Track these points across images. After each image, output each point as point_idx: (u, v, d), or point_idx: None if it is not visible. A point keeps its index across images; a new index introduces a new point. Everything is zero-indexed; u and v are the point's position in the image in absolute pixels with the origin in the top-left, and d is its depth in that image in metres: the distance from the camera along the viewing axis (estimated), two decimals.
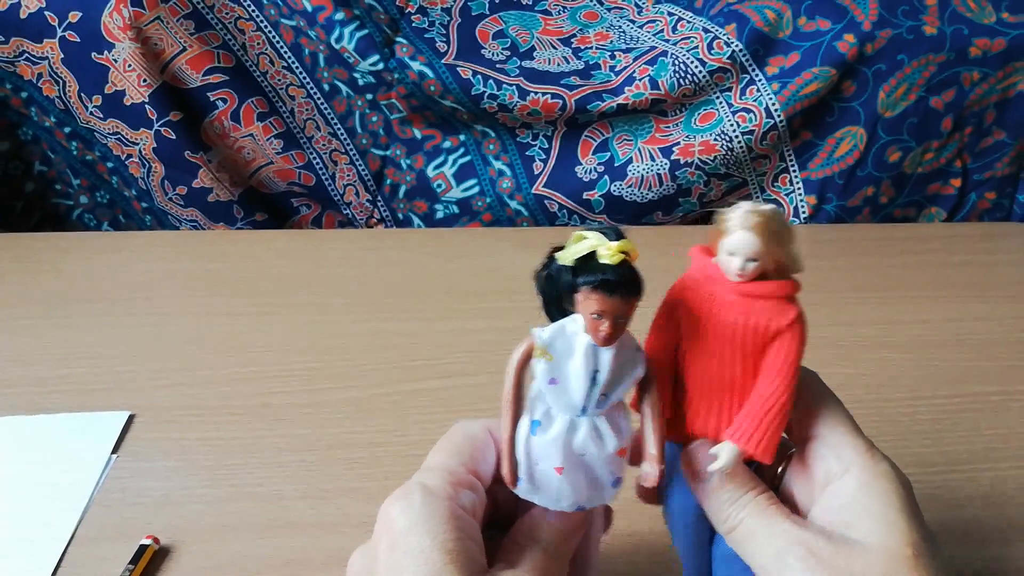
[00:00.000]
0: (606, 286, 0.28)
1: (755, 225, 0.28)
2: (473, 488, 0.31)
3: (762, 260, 0.29)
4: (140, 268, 0.70)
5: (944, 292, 0.67)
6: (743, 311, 0.30)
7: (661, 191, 0.78)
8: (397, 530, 0.29)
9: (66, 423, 0.51)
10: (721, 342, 0.30)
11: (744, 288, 0.29)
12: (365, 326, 0.61)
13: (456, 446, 0.32)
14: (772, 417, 0.30)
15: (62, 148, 0.82)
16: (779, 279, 0.30)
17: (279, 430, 0.50)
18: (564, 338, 0.29)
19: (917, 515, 0.29)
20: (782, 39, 0.74)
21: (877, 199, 0.80)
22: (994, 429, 0.51)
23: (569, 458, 0.30)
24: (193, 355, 0.58)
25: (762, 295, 0.30)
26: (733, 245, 0.29)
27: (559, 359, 0.29)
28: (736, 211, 0.29)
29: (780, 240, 0.29)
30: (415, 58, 0.75)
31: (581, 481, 0.31)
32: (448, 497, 0.30)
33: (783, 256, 0.29)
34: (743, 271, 0.29)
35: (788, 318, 0.30)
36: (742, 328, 0.30)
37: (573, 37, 0.80)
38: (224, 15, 0.76)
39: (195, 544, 0.42)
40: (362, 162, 0.83)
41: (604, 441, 0.30)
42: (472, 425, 0.33)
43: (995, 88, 0.75)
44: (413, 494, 0.29)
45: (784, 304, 0.30)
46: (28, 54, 0.76)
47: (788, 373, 0.30)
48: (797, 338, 0.30)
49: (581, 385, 0.29)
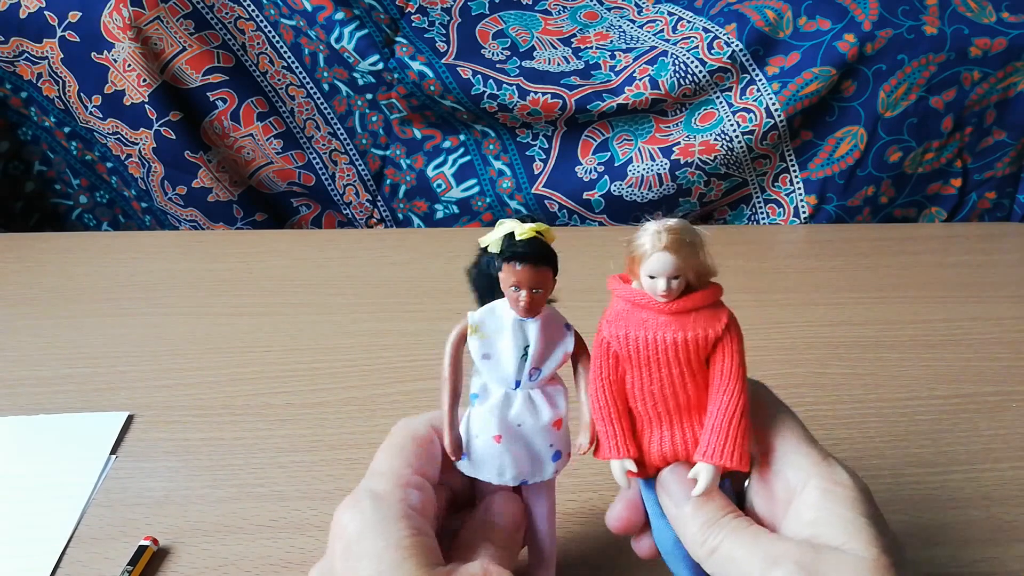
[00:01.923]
0: (516, 257, 0.30)
1: (669, 244, 0.29)
2: (420, 487, 0.32)
3: (683, 275, 0.29)
4: (140, 268, 0.70)
5: (942, 292, 0.67)
6: (679, 327, 0.30)
7: (661, 191, 0.78)
8: (350, 536, 0.29)
9: (65, 423, 0.51)
10: (666, 364, 0.30)
11: (674, 306, 0.30)
12: (365, 326, 0.61)
13: (399, 447, 0.33)
14: (737, 424, 0.30)
15: (62, 148, 0.82)
16: (702, 288, 0.30)
17: (280, 430, 0.51)
18: (494, 317, 0.32)
19: (881, 520, 0.29)
20: (782, 39, 0.74)
21: (877, 199, 0.80)
22: (993, 429, 0.51)
23: (506, 428, 0.32)
24: (193, 355, 0.58)
25: (693, 307, 0.30)
26: (652, 267, 0.29)
27: (490, 336, 0.32)
28: (645, 234, 0.29)
29: (695, 251, 0.29)
30: (415, 58, 0.75)
31: (521, 453, 0.33)
32: (398, 499, 0.30)
33: (700, 265, 0.30)
34: (668, 291, 0.29)
35: (722, 323, 0.30)
36: (682, 344, 0.30)
37: (573, 37, 0.80)
38: (224, 15, 0.76)
39: (195, 544, 0.42)
40: (362, 162, 0.83)
41: (539, 412, 0.33)
42: (414, 423, 0.34)
43: (995, 88, 0.75)
44: (362, 501, 0.30)
45: (715, 311, 0.30)
46: (28, 54, 0.76)
47: (738, 375, 0.30)
48: (736, 340, 0.30)
49: (512, 358, 0.32)
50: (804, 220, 0.80)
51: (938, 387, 0.55)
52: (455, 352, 0.32)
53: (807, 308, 0.63)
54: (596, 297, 0.32)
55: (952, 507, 0.45)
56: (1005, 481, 0.47)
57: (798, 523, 0.29)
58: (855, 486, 0.30)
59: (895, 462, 0.48)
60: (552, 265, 0.31)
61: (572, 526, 0.43)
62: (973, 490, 0.46)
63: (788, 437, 0.31)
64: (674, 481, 0.32)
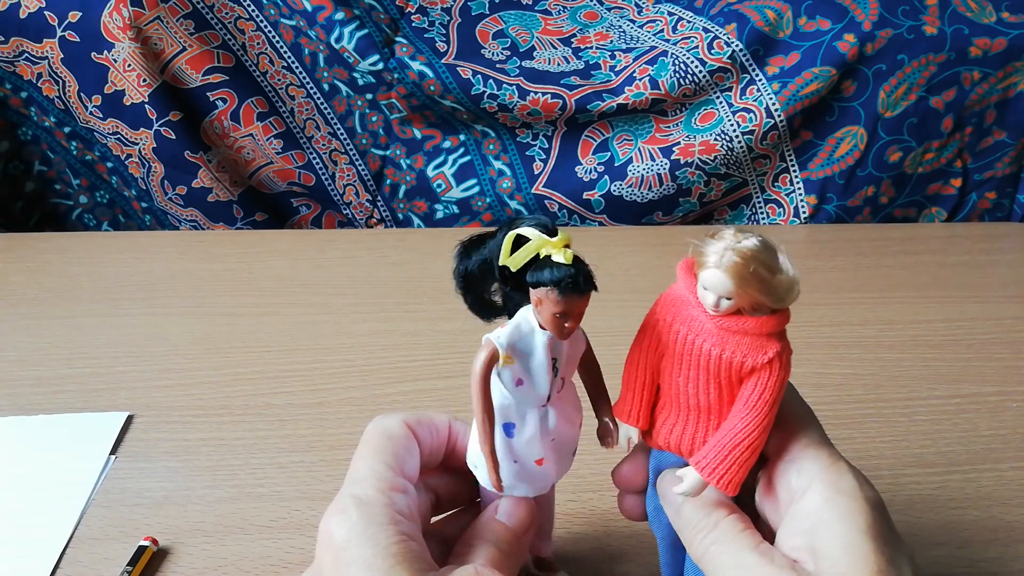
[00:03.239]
0: (574, 289, 0.28)
1: (729, 267, 0.27)
2: (405, 490, 0.31)
3: (736, 300, 0.28)
4: (140, 268, 0.70)
5: (942, 292, 0.67)
6: (719, 343, 0.29)
7: (661, 191, 0.78)
8: (338, 545, 0.29)
9: (65, 423, 0.51)
10: (696, 368, 0.30)
11: (721, 322, 0.29)
12: (365, 326, 0.61)
13: (378, 449, 0.32)
14: (739, 453, 0.29)
15: (62, 148, 0.82)
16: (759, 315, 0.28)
17: (280, 430, 0.51)
18: (523, 338, 0.29)
19: (884, 534, 0.28)
20: (782, 39, 0.74)
21: (877, 199, 0.80)
22: (993, 430, 0.51)
23: (547, 447, 0.31)
24: (193, 355, 0.58)
25: (740, 331, 0.28)
26: (706, 281, 0.28)
27: (521, 360, 0.30)
28: (714, 246, 0.28)
29: (758, 282, 0.27)
30: (415, 58, 0.75)
31: (554, 462, 0.32)
32: (383, 504, 0.29)
33: (761, 297, 0.28)
34: (716, 308, 0.28)
35: (766, 356, 0.28)
36: (716, 359, 0.29)
37: (573, 37, 0.80)
38: (224, 15, 0.76)
39: (195, 545, 0.42)
40: (362, 162, 0.83)
41: (571, 421, 0.32)
42: (387, 422, 0.34)
43: (995, 88, 0.75)
44: (348, 508, 0.29)
45: (764, 341, 0.29)
46: (28, 54, 0.76)
47: (762, 411, 0.29)
48: (775, 376, 0.29)
49: (545, 378, 0.30)
50: (804, 220, 0.80)
51: (938, 387, 0.55)
52: (485, 384, 0.29)
53: (807, 308, 0.63)
54: (597, 298, 0.32)
55: (952, 507, 0.45)
56: (1005, 481, 0.47)
57: (794, 531, 0.29)
58: (860, 495, 0.28)
59: (895, 462, 0.48)
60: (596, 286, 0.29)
61: (573, 527, 0.43)
62: (973, 490, 0.46)
63: (800, 437, 0.30)
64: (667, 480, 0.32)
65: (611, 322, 0.58)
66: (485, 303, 0.31)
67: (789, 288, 0.28)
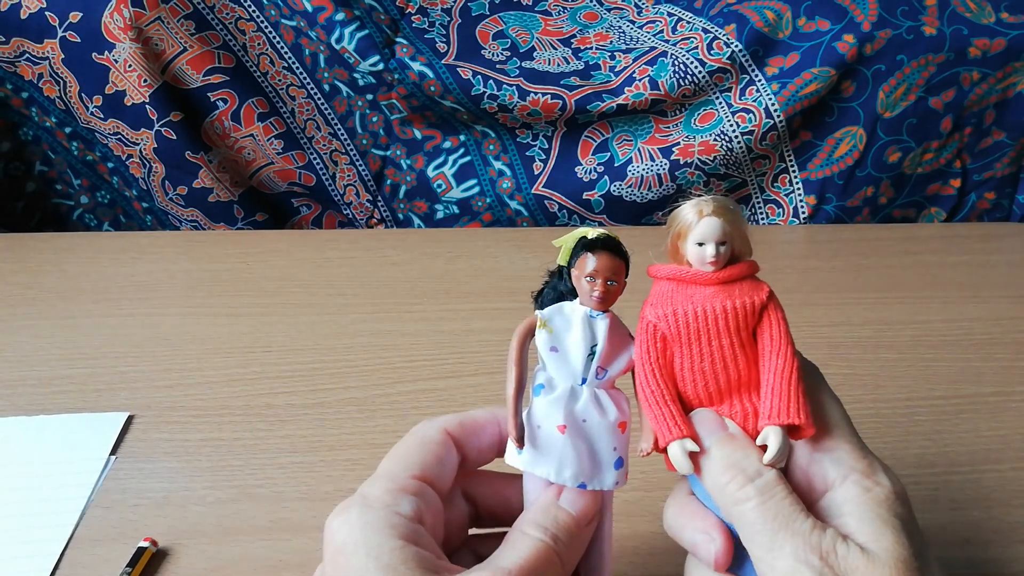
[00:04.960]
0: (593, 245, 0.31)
1: (715, 209, 0.30)
2: (419, 493, 0.30)
3: (730, 241, 0.30)
4: (141, 268, 0.70)
5: (942, 293, 0.67)
6: (727, 295, 0.30)
7: (661, 191, 0.78)
8: (337, 547, 0.29)
9: (65, 424, 0.51)
10: (716, 336, 0.30)
11: (720, 275, 0.30)
12: (365, 326, 0.61)
13: (404, 452, 0.32)
14: (795, 383, 0.30)
15: (63, 148, 0.83)
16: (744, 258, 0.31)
17: (280, 431, 0.51)
18: (562, 315, 0.32)
19: (914, 524, 0.29)
20: (782, 39, 0.74)
21: (877, 199, 0.80)
22: (993, 430, 0.51)
23: (572, 420, 0.31)
24: (193, 355, 0.58)
25: (740, 276, 0.30)
26: (701, 233, 0.30)
27: (559, 332, 0.32)
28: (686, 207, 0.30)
29: (738, 220, 0.30)
30: (415, 58, 0.75)
31: (583, 450, 0.31)
32: (384, 506, 0.29)
33: (743, 235, 0.30)
34: (717, 256, 0.30)
35: (765, 291, 0.31)
36: (731, 312, 0.30)
37: (573, 38, 0.80)
38: (225, 15, 0.76)
39: (195, 546, 0.42)
40: (362, 162, 0.83)
41: (606, 409, 0.32)
42: (428, 426, 0.33)
43: (995, 88, 0.75)
44: (351, 508, 0.29)
45: (756, 282, 0.31)
46: (29, 54, 0.76)
47: (787, 340, 0.30)
48: (780, 308, 0.31)
49: (580, 355, 0.31)
50: (803, 220, 0.80)
51: (938, 387, 0.55)
52: (521, 343, 0.31)
53: (807, 308, 0.63)
54: None
55: (953, 508, 0.45)
56: (1006, 482, 0.47)
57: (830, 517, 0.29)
58: (893, 488, 0.29)
59: (895, 463, 0.48)
60: (627, 260, 0.32)
61: None
62: (974, 491, 0.46)
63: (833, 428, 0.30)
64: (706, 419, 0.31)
65: None
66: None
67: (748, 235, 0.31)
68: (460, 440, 0.33)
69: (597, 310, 0.32)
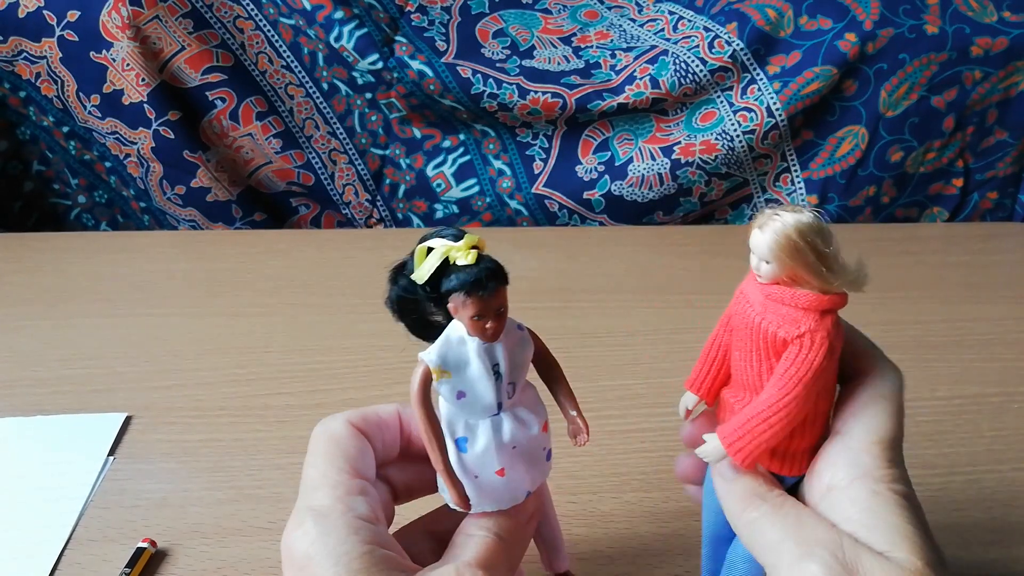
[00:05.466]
0: (477, 287, 0.27)
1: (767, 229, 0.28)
2: (363, 492, 0.30)
3: (775, 265, 0.28)
4: (139, 268, 0.70)
5: (944, 292, 0.67)
6: (762, 312, 0.30)
7: (662, 191, 0.78)
8: (299, 562, 0.28)
9: (63, 424, 0.51)
10: (745, 340, 0.30)
11: (766, 290, 0.30)
12: (364, 326, 0.61)
13: (327, 454, 0.31)
14: (756, 425, 0.29)
15: (60, 148, 0.82)
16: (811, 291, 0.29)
17: (279, 431, 0.50)
18: (453, 349, 0.29)
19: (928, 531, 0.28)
20: (783, 38, 0.74)
21: (879, 199, 0.80)
22: (995, 431, 0.51)
23: (506, 457, 0.30)
24: (192, 356, 0.58)
25: (779, 300, 0.29)
26: (750, 242, 0.29)
27: (457, 372, 0.29)
28: (766, 212, 0.29)
29: (794, 251, 0.28)
30: (415, 57, 0.74)
31: (522, 471, 0.31)
32: (340, 514, 0.28)
33: (800, 270, 0.28)
34: (757, 270, 0.29)
35: (798, 330, 0.28)
36: (757, 328, 0.30)
37: (573, 36, 0.80)
38: (223, 14, 0.76)
39: (194, 546, 0.42)
40: (361, 162, 0.82)
41: (529, 425, 0.30)
42: (330, 425, 0.32)
43: (997, 87, 0.75)
44: (305, 522, 0.28)
45: (801, 315, 0.29)
46: (26, 53, 0.75)
47: (787, 387, 0.29)
48: (805, 352, 0.28)
49: (488, 386, 0.29)
50: None
51: (939, 388, 0.55)
52: (425, 404, 0.29)
53: None
54: (597, 298, 0.31)
55: (954, 509, 0.45)
56: (1007, 483, 0.46)
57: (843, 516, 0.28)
58: (907, 494, 0.28)
59: None
60: (507, 278, 0.28)
61: (575, 528, 0.43)
62: (975, 492, 0.46)
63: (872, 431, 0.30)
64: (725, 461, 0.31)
65: (611, 322, 0.58)
66: (426, 324, 0.30)
67: (838, 272, 0.28)
68: (367, 433, 0.33)
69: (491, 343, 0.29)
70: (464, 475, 0.30)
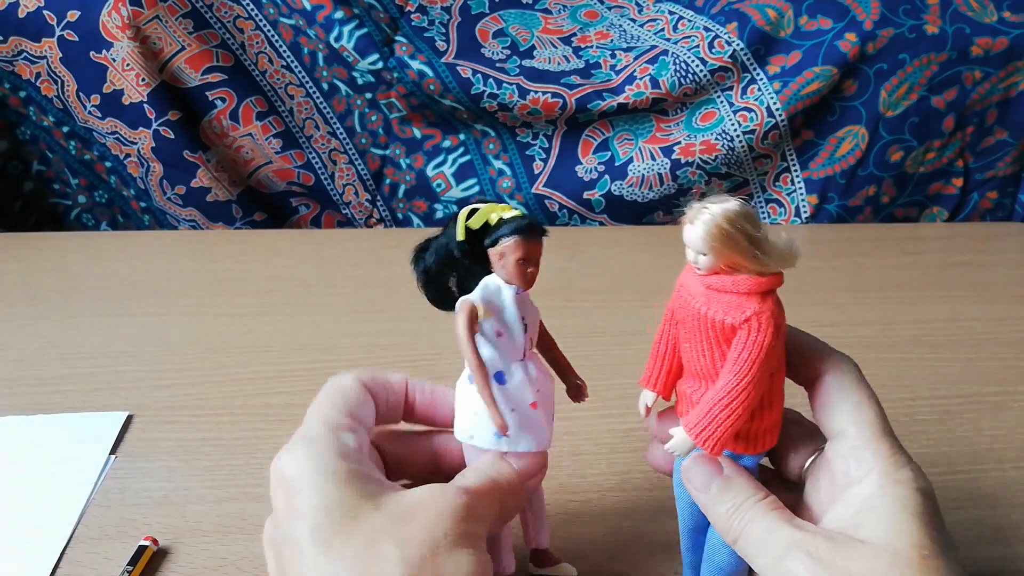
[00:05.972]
0: (529, 230, 0.31)
1: (698, 222, 0.29)
2: (353, 429, 0.32)
3: (710, 256, 0.29)
4: (139, 268, 0.70)
5: (944, 292, 0.67)
6: (706, 302, 0.30)
7: (662, 191, 0.78)
8: (289, 480, 0.30)
9: (64, 423, 0.51)
10: (693, 331, 0.31)
11: (705, 280, 0.30)
12: (365, 326, 0.61)
13: (329, 398, 0.33)
14: (718, 411, 0.29)
15: (60, 147, 0.82)
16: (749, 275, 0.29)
17: (279, 430, 0.50)
18: (492, 295, 0.32)
19: (933, 521, 0.28)
20: (783, 38, 0.74)
21: (879, 199, 0.80)
22: (995, 430, 0.51)
23: (539, 395, 0.33)
24: (193, 355, 0.58)
25: (721, 289, 0.30)
26: (684, 237, 0.30)
27: (497, 313, 0.32)
28: (694, 206, 0.30)
29: (726, 238, 0.29)
30: (415, 57, 0.75)
31: (549, 416, 0.34)
32: (329, 440, 0.31)
33: (735, 256, 0.29)
34: (695, 264, 0.30)
35: (743, 315, 0.29)
36: (704, 318, 0.30)
37: (573, 36, 0.80)
38: (223, 14, 0.76)
39: (195, 545, 0.42)
40: (361, 161, 0.82)
41: (548, 373, 0.34)
42: (343, 378, 0.35)
43: (997, 87, 0.75)
44: (296, 446, 0.31)
45: (744, 300, 0.29)
46: (26, 53, 0.75)
47: (741, 371, 0.29)
48: (754, 335, 0.29)
49: (520, 331, 0.33)
50: (805, 220, 0.80)
51: (940, 387, 0.55)
52: (472, 340, 0.32)
53: (807, 308, 0.63)
54: (598, 297, 0.32)
55: (955, 507, 0.45)
56: (1008, 482, 0.47)
57: (844, 512, 0.29)
58: (914, 485, 0.29)
59: None
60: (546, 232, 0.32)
61: (575, 527, 0.43)
62: (975, 490, 0.46)
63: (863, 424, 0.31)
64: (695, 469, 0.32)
65: (611, 322, 0.58)
66: (445, 293, 0.34)
67: (770, 252, 0.29)
68: (372, 391, 0.35)
69: (526, 290, 0.32)
70: (504, 407, 0.32)
